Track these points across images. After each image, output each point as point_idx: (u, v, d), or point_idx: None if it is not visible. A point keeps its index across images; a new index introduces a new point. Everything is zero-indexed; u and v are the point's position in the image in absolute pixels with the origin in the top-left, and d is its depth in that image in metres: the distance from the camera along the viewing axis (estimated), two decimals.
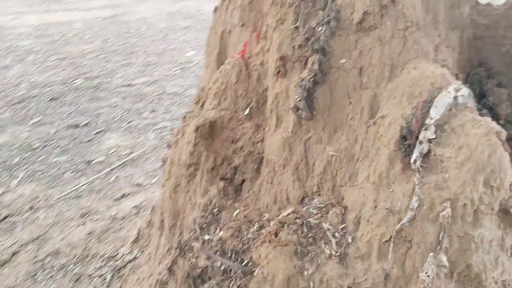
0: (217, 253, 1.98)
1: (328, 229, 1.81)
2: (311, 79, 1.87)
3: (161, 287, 2.16)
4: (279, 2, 2.00)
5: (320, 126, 1.91)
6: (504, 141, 1.57)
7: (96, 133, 5.77)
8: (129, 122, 5.99)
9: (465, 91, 1.63)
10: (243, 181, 2.11)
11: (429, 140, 1.59)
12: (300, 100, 1.89)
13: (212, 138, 2.14)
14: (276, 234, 1.86)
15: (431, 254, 1.57)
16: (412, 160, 1.62)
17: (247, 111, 2.15)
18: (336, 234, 1.79)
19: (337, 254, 1.74)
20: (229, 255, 1.95)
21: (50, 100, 6.83)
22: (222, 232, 2.02)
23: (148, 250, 2.77)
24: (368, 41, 1.80)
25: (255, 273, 1.86)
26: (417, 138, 1.62)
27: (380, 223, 1.67)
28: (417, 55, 1.74)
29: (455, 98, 1.61)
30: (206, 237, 2.07)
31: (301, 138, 1.95)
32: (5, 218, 4.27)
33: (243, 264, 1.92)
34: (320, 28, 1.87)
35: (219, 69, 2.23)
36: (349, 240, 1.76)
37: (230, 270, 1.93)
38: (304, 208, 1.92)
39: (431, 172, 1.59)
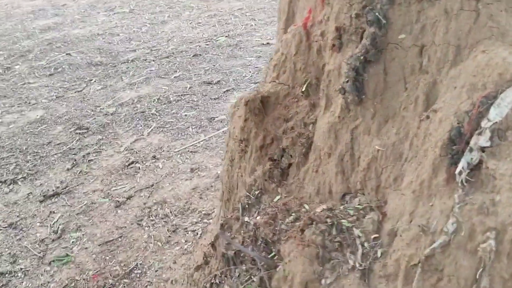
0: (250, 238, 1.87)
1: (359, 236, 1.54)
2: (362, 57, 1.56)
3: (205, 259, 2.15)
4: None
5: (369, 114, 1.60)
6: None
7: (224, 91, 5.94)
8: (256, 83, 6.02)
9: None
10: (290, 165, 1.92)
11: (482, 148, 1.21)
12: (347, 81, 1.61)
13: (263, 115, 1.97)
14: (302, 231, 1.66)
15: None
16: (457, 171, 1.26)
17: (303, 88, 1.92)
18: (366, 244, 1.52)
19: (360, 267, 1.48)
20: (259, 243, 1.82)
21: (193, 56, 7.22)
22: (259, 217, 1.88)
23: (213, 220, 2.78)
24: (432, 13, 1.41)
25: (277, 269, 1.71)
26: (467, 143, 1.24)
27: (410, 242, 1.36)
28: (491, 35, 1.30)
29: None
30: (246, 219, 1.96)
31: (348, 125, 1.67)
32: (131, 163, 4.71)
33: (270, 256, 1.77)
34: None
35: (281, 39, 2.02)
36: (378, 254, 1.48)
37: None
38: (342, 207, 1.68)
39: (478, 189, 1.22)
